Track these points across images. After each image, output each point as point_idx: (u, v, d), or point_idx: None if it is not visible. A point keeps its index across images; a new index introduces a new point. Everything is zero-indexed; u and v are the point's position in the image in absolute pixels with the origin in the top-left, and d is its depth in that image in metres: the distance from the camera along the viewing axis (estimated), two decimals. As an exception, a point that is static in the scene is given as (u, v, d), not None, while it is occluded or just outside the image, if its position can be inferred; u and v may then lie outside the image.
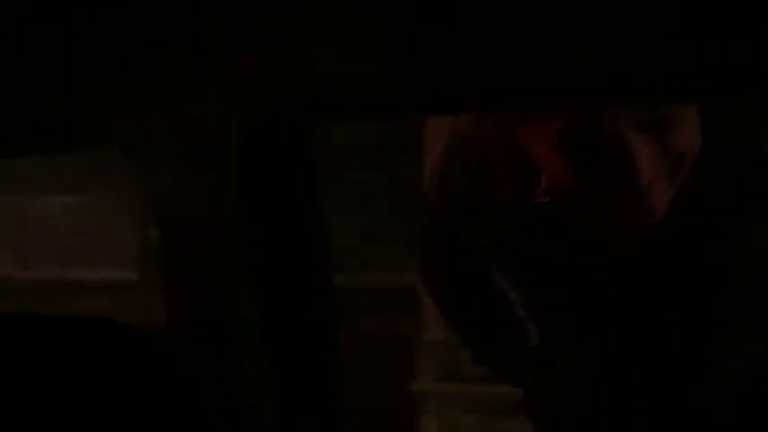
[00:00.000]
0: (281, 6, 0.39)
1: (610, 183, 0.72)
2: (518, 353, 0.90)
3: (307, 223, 0.42)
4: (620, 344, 0.84)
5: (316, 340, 0.45)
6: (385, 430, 3.13)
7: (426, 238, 0.95)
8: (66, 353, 0.51)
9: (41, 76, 0.42)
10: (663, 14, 0.36)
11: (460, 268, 0.90)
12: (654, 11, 0.36)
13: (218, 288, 0.40)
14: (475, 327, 0.94)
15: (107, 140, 0.42)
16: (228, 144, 0.39)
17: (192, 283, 0.39)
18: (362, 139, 3.37)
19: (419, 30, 0.38)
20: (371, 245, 3.45)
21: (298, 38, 0.39)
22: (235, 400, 0.42)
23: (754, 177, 0.77)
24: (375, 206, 3.45)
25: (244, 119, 0.39)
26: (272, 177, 0.41)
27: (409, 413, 3.16)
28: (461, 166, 0.88)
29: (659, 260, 0.80)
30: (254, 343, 0.41)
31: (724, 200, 0.78)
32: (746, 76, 0.35)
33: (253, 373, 0.41)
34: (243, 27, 0.40)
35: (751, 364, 0.81)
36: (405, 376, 3.17)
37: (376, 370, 3.24)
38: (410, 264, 3.34)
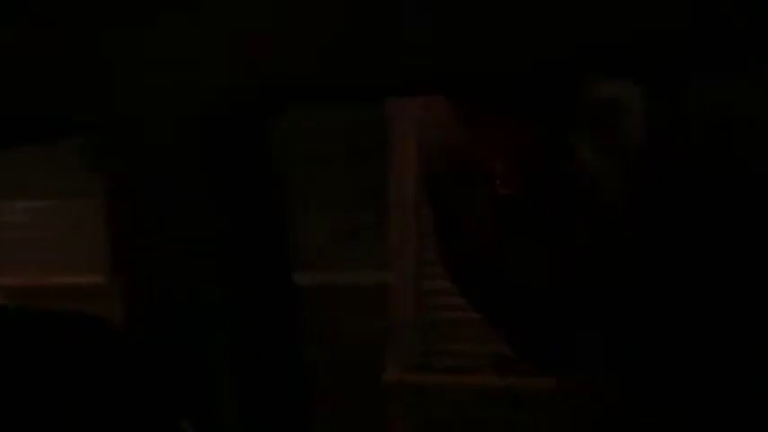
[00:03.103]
0: None
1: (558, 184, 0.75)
2: (542, 342, 0.92)
3: (271, 215, 0.43)
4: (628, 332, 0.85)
5: (283, 334, 0.45)
6: (357, 421, 3.14)
7: (438, 238, 0.97)
8: (38, 345, 0.51)
9: (9, 67, 0.42)
10: None
11: (473, 264, 0.92)
12: None
13: (185, 283, 0.40)
14: (500, 316, 0.95)
15: (71, 132, 0.42)
16: (194, 135, 0.39)
17: (156, 279, 0.40)
18: (330, 141, 3.37)
19: (378, 14, 0.38)
20: (341, 245, 3.46)
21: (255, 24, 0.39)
22: (200, 397, 0.42)
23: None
24: (345, 208, 3.45)
25: (208, 107, 0.39)
26: (237, 167, 0.41)
27: (381, 405, 3.18)
28: (447, 166, 0.90)
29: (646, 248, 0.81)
30: (221, 338, 0.41)
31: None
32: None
33: (218, 371, 0.41)
34: (204, 15, 0.40)
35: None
36: (376, 369, 3.19)
37: (348, 364, 3.26)
38: (380, 263, 3.34)
